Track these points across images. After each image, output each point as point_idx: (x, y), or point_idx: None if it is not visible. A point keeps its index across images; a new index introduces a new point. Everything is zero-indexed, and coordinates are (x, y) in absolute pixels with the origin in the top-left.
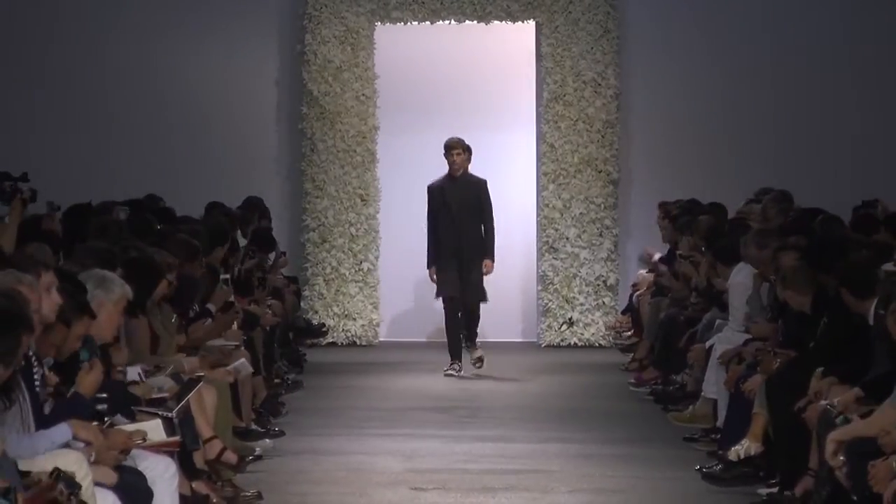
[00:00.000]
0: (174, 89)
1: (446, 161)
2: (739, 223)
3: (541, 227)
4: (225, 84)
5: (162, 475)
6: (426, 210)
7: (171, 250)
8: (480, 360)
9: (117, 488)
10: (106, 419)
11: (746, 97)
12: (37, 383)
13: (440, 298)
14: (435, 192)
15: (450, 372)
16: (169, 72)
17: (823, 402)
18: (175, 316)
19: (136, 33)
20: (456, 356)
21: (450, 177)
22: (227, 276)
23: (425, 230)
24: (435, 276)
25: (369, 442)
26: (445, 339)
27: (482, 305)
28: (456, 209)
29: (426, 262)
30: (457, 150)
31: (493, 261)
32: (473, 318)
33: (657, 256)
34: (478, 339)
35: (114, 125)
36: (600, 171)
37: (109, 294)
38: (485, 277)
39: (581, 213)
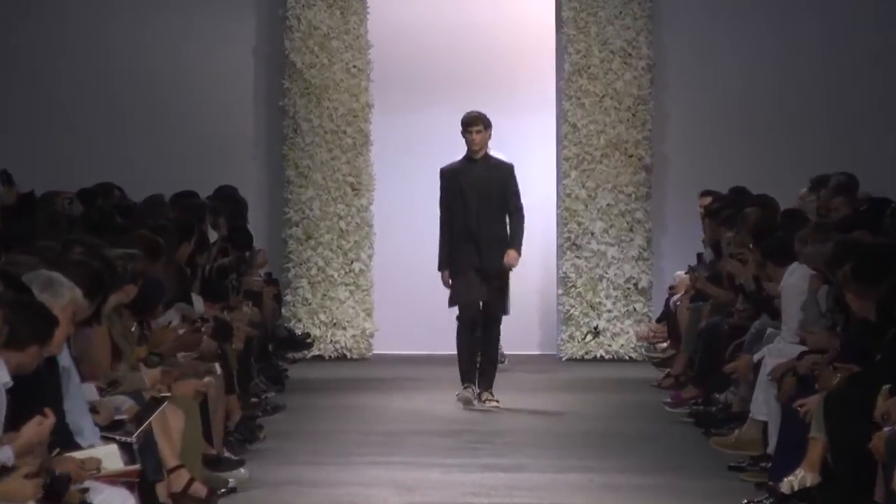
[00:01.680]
0: (131, 61)
1: (464, 140)
2: (794, 216)
3: (561, 221)
4: (191, 54)
5: None
6: (438, 200)
7: (130, 248)
8: (492, 408)
9: None
10: (55, 450)
11: (803, 69)
12: None
13: (454, 307)
14: (449, 176)
15: (463, 396)
16: (124, 40)
17: (892, 425)
18: (135, 324)
19: None
20: (468, 377)
21: (468, 159)
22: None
23: (434, 225)
24: (450, 281)
25: (362, 471)
26: (453, 352)
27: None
28: (474, 198)
29: (438, 263)
30: (476, 126)
31: (518, 252)
32: (490, 353)
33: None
34: (497, 371)
35: (60, 105)
36: (631, 156)
37: (58, 299)
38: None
39: (608, 205)
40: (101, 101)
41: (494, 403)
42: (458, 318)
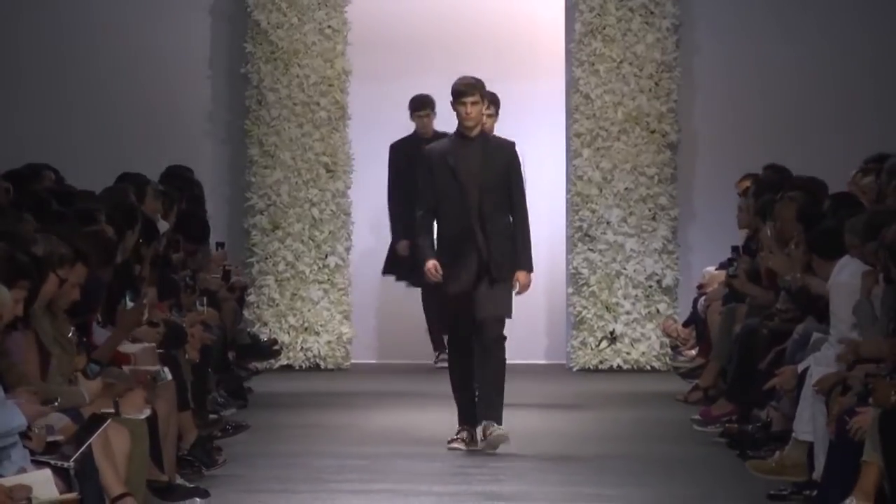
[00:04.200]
0: (66, 20)
1: (456, 114)
2: (846, 201)
3: (572, 208)
4: (137, 11)
5: None
6: (419, 190)
7: (78, 247)
8: (499, 439)
9: None
10: None
11: (855, 31)
12: None
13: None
14: (437, 159)
15: (455, 445)
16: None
17: None
18: (73, 329)
19: None
20: (467, 418)
21: (460, 136)
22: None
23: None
24: (438, 270)
25: (339, 501)
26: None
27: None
28: (474, 188)
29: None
30: (471, 96)
31: (530, 271)
32: (492, 373)
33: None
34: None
35: None
36: (653, 132)
37: None
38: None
39: (627, 189)
40: (30, 67)
41: (501, 431)
42: (448, 341)
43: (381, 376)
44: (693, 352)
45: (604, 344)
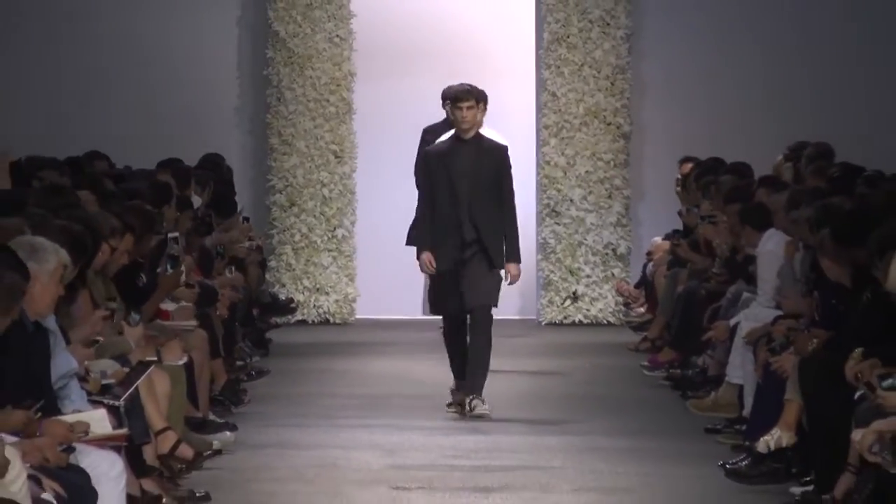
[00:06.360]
0: (115, 31)
1: (453, 117)
2: (772, 182)
3: (541, 188)
4: (176, 24)
5: (107, 473)
6: (417, 185)
7: (125, 220)
8: (482, 416)
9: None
10: (38, 413)
11: (783, 38)
12: None
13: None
14: (434, 160)
15: (456, 399)
16: (109, 11)
17: (864, 387)
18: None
19: None
20: (462, 374)
21: (456, 138)
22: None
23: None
24: (432, 264)
25: (344, 434)
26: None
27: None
28: (464, 186)
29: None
30: (467, 101)
31: (519, 262)
32: (479, 351)
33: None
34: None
35: (40, 74)
36: (609, 124)
37: (43, 264)
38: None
39: (587, 172)
40: (85, 71)
41: (484, 409)
42: (443, 320)
43: (381, 329)
44: (642, 309)
45: (567, 302)
